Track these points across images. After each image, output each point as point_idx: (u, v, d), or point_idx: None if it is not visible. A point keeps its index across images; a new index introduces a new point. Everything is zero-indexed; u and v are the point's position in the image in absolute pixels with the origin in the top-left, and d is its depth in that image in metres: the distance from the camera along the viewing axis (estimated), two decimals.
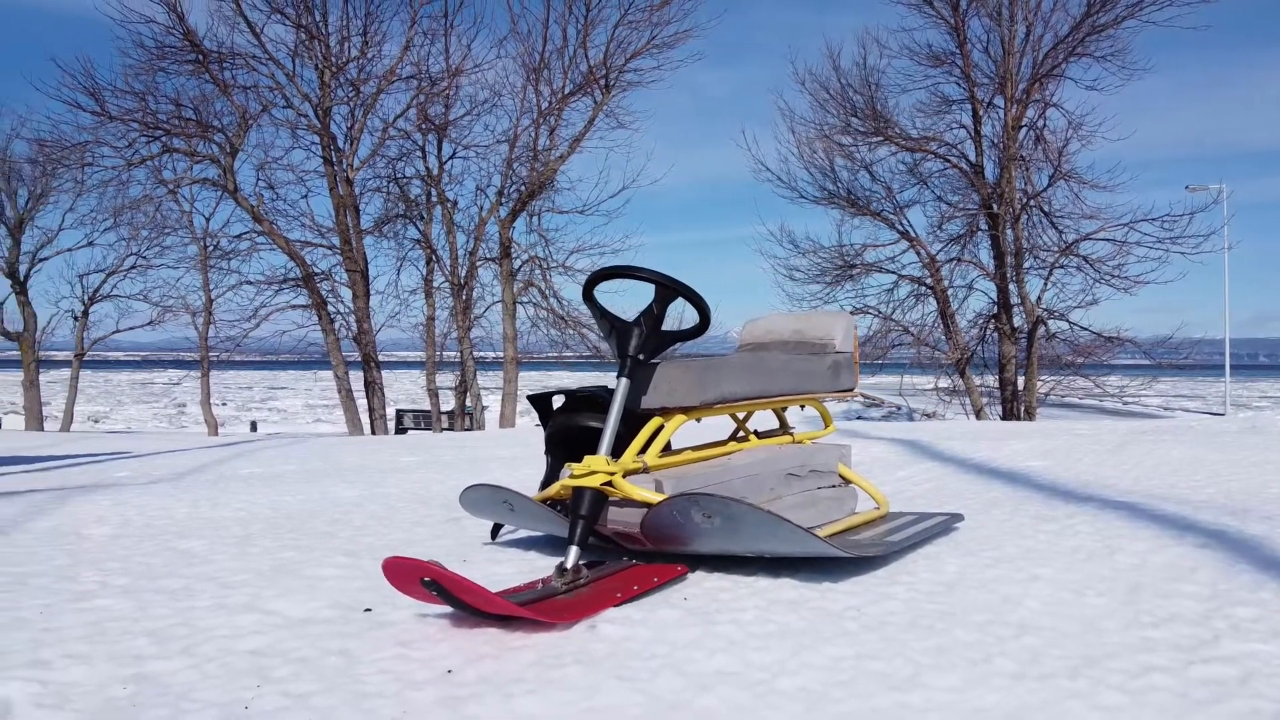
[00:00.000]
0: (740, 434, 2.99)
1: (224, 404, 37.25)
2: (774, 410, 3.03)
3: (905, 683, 1.69)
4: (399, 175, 16.37)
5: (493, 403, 17.48)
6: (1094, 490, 3.74)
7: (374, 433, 15.76)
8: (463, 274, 16.09)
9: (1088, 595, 2.22)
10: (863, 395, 36.81)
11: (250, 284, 16.93)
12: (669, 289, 2.44)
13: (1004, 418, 16.65)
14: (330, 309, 16.17)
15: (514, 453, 6.76)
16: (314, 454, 7.33)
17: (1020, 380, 16.64)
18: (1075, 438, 5.82)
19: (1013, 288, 16.76)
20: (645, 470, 2.41)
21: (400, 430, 19.26)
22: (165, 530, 3.35)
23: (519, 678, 1.73)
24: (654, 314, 2.44)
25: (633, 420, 2.55)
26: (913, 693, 1.64)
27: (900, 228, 17.75)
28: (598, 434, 2.40)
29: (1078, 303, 16.44)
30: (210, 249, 18.58)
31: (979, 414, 17.13)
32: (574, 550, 2.21)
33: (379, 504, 3.95)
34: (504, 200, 15.92)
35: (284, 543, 3.08)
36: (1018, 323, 16.91)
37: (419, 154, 16.18)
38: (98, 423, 29.53)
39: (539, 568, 2.60)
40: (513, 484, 3.58)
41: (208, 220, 18.89)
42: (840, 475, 2.97)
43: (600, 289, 2.59)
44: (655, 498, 2.27)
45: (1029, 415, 16.32)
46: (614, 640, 1.93)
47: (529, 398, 2.92)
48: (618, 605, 2.11)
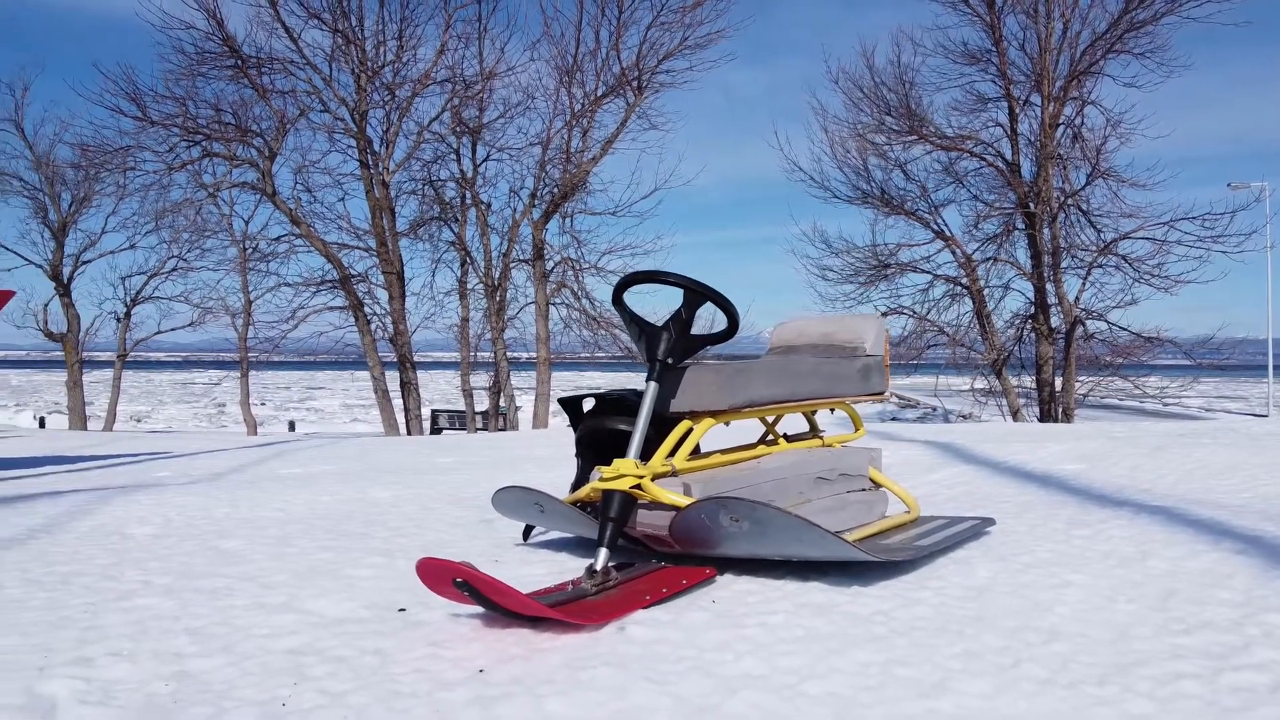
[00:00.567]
0: (769, 437, 3.01)
1: (263, 404, 37.73)
2: (804, 413, 3.04)
3: (934, 689, 1.69)
4: (434, 178, 16.54)
5: (526, 403, 17.58)
6: (1129, 494, 3.71)
7: (409, 433, 15.91)
8: (496, 275, 16.20)
9: (1119, 601, 2.21)
10: (897, 397, 36.58)
11: (288, 286, 17.21)
12: (697, 293, 2.46)
13: (1041, 419, 16.47)
14: (367, 310, 16.36)
15: (547, 453, 6.80)
16: (350, 454, 7.43)
17: (1058, 381, 16.45)
18: (1112, 440, 5.76)
19: (1050, 287, 16.57)
20: (674, 474, 2.43)
21: (435, 430, 19.42)
22: (205, 530, 3.41)
23: (549, 679, 1.76)
24: (682, 318, 2.46)
25: (662, 423, 2.57)
26: (942, 699, 1.65)
27: (935, 227, 17.62)
28: (627, 437, 2.43)
29: (1116, 302, 16.25)
30: (249, 251, 18.89)
31: (1015, 415, 16.95)
32: (603, 552, 2.23)
33: (414, 505, 4.00)
34: (537, 202, 16.01)
35: (321, 543, 3.13)
36: (1055, 323, 16.72)
37: (453, 157, 16.34)
38: (140, 422, 30.04)
39: (569, 569, 2.63)
40: (546, 485, 3.61)
41: (247, 223, 19.20)
42: (871, 479, 2.97)
43: (630, 292, 2.62)
44: (683, 501, 2.29)
45: (1067, 417, 16.13)
46: (643, 642, 1.95)
47: (560, 400, 2.95)
48: (646, 607, 2.13)
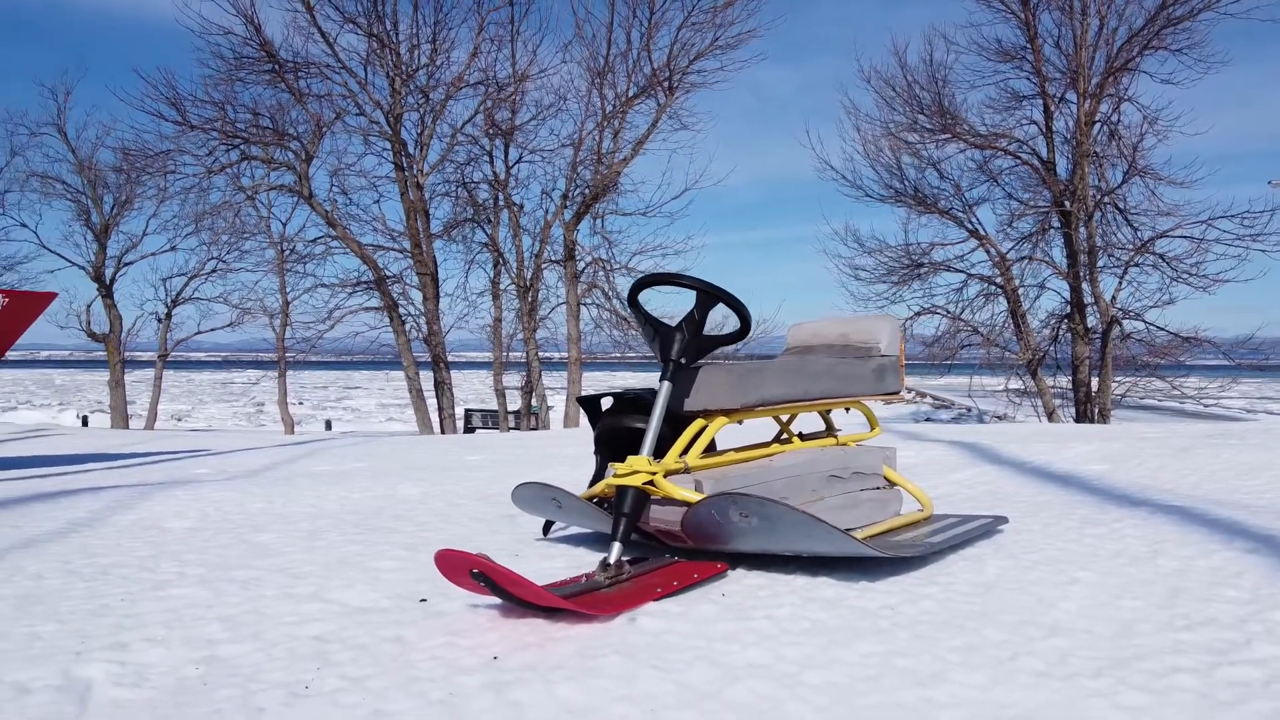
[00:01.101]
0: (784, 436, 3.06)
1: (300, 403, 38.23)
2: (819, 413, 3.09)
3: (931, 679, 1.74)
4: (467, 180, 16.72)
5: (557, 403, 17.70)
6: (1149, 494, 3.71)
7: (443, 432, 16.09)
8: (528, 276, 16.34)
9: (1125, 599, 2.24)
10: (932, 397, 36.31)
11: (325, 287, 17.50)
12: (710, 295, 2.52)
13: (1077, 420, 16.31)
14: (401, 311, 16.57)
15: (575, 452, 6.88)
16: (382, 453, 7.56)
17: (1094, 382, 16.28)
18: (1139, 441, 5.73)
19: (1086, 287, 16.41)
20: (686, 470, 2.50)
21: (469, 429, 19.60)
22: (240, 524, 3.53)
23: (560, 665, 1.83)
24: (695, 319, 2.52)
25: (678, 422, 2.64)
26: (937, 689, 1.70)
27: (969, 226, 17.49)
28: (643, 435, 2.49)
29: (1154, 302, 16.05)
30: (287, 253, 19.16)
31: (1051, 416, 16.80)
32: (616, 546, 2.31)
33: (442, 501, 4.09)
34: (568, 203, 16.13)
35: (349, 537, 3.23)
36: (1091, 323, 16.55)
37: (486, 159, 16.51)
38: (180, 421, 30.56)
39: (586, 563, 2.70)
40: (572, 482, 3.69)
41: (284, 225, 19.47)
42: (885, 477, 3.02)
43: (653, 293, 2.69)
44: (694, 497, 2.36)
45: (1103, 418, 15.96)
46: (652, 632, 2.02)
47: (578, 399, 3.02)
48: (658, 599, 2.20)
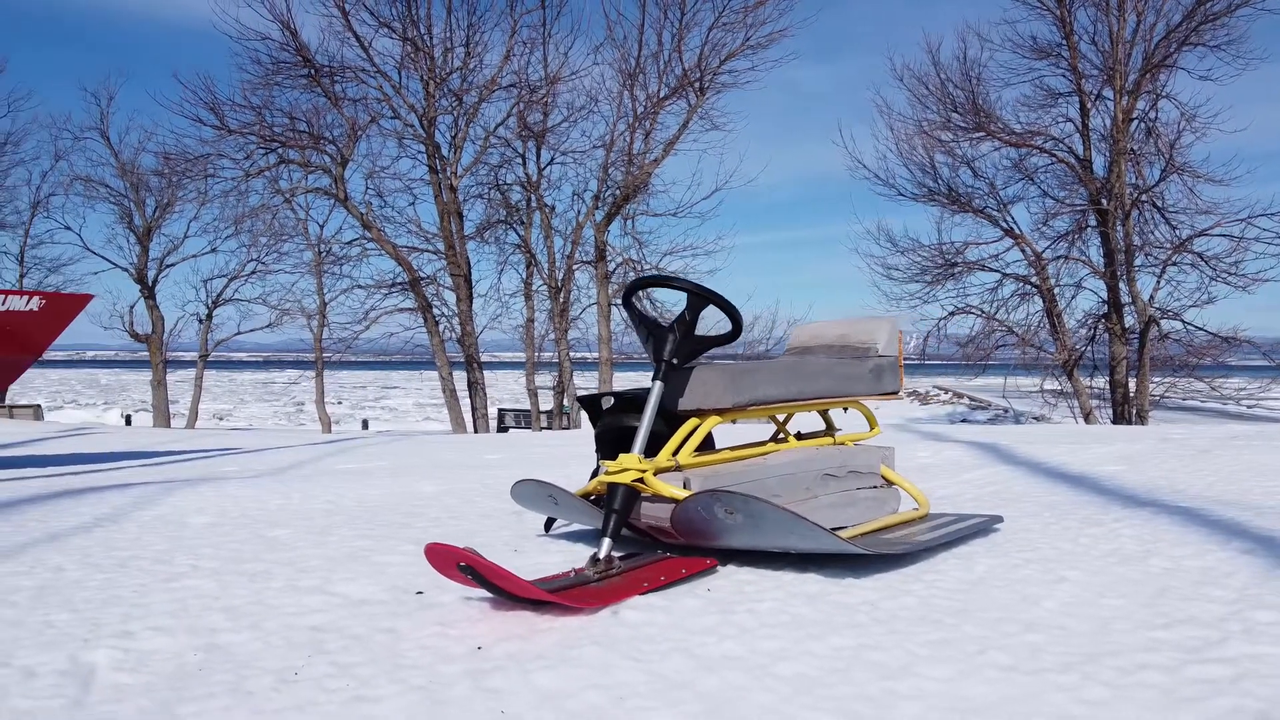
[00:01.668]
0: (781, 435, 3.10)
1: (339, 402, 38.77)
2: (819, 412, 3.13)
3: (898, 672, 1.78)
4: (500, 182, 16.90)
5: None
6: (1159, 495, 3.70)
7: (476, 431, 16.26)
8: (560, 277, 16.48)
9: (1109, 597, 2.26)
10: (969, 397, 35.99)
11: (361, 288, 17.79)
12: (700, 297, 2.57)
13: (1115, 421, 16.12)
14: (435, 312, 16.78)
15: None
16: (409, 451, 7.69)
17: (1132, 383, 16.08)
18: (1161, 442, 5.68)
19: (1123, 286, 16.22)
20: (678, 469, 2.55)
21: (502, 429, 19.77)
22: (257, 520, 3.63)
23: (541, 655, 1.90)
24: (686, 320, 2.57)
25: (675, 421, 2.69)
26: (903, 681, 1.74)
27: (1004, 225, 17.37)
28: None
29: (1192, 301, 15.84)
30: (324, 254, 19.47)
31: (1088, 417, 16.61)
32: (606, 542, 2.37)
33: (455, 498, 4.18)
34: (600, 204, 16.23)
35: (360, 532, 3.32)
36: (1129, 323, 16.35)
37: (519, 161, 16.68)
38: (221, 420, 31.12)
39: (583, 558, 2.75)
40: (583, 480, 3.75)
41: (321, 227, 19.85)
42: (883, 476, 3.05)
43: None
44: (681, 494, 2.41)
45: (1141, 419, 15.75)
46: (634, 625, 2.08)
47: (578, 399, 3.08)
48: (644, 593, 2.25)
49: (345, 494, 4.32)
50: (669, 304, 15.62)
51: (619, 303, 15.94)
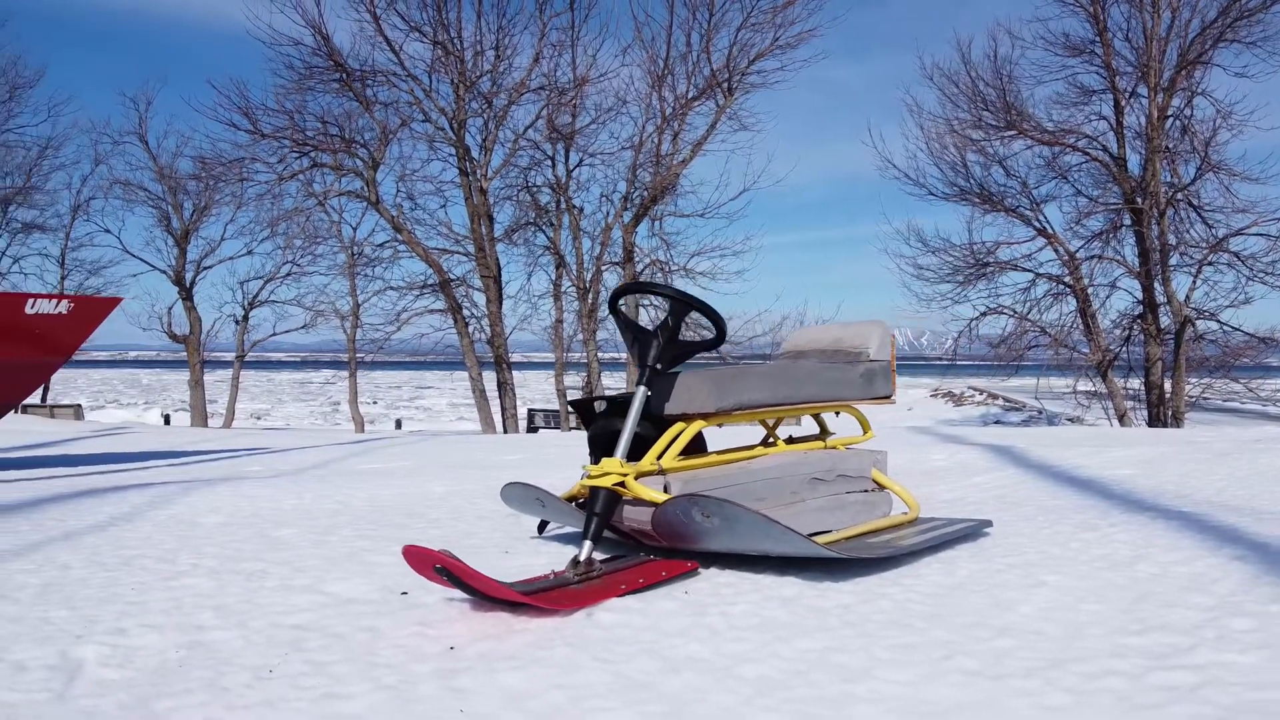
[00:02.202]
0: (770, 439, 3.12)
1: (374, 402, 39.18)
2: (811, 416, 3.14)
3: (859, 675, 1.80)
4: (529, 184, 17.00)
5: None
6: (1162, 499, 3.66)
7: (506, 431, 16.37)
8: (588, 278, 16.54)
9: (1088, 602, 2.25)
10: (1004, 399, 35.53)
11: (393, 289, 18.02)
12: (683, 303, 2.60)
13: (1150, 423, 15.87)
14: (465, 313, 16.93)
15: None
16: (430, 451, 7.77)
17: (1167, 384, 15.83)
18: (1180, 446, 5.61)
19: (1159, 286, 15.97)
20: (660, 472, 2.58)
21: (532, 429, 19.88)
22: (266, 519, 3.71)
23: (512, 655, 1.94)
24: (669, 326, 2.60)
25: (663, 425, 2.72)
26: (862, 684, 1.76)
27: (1037, 224, 17.15)
28: (634, 437, 2.58)
29: (1229, 301, 15.55)
30: (356, 256, 19.72)
31: (1122, 419, 16.38)
32: (587, 544, 2.40)
33: (462, 499, 4.23)
34: (628, 205, 16.28)
35: (362, 532, 3.38)
36: (1164, 323, 16.09)
37: (548, 163, 16.78)
38: (259, 419, 31.56)
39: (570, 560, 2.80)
40: None
41: (354, 230, 20.09)
42: (874, 480, 3.05)
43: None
44: (660, 498, 2.44)
45: (1177, 420, 15.51)
46: (607, 626, 2.11)
47: (570, 403, 3.13)
48: (621, 596, 2.29)
49: (356, 494, 4.39)
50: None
51: (604, 314, 16.06)
